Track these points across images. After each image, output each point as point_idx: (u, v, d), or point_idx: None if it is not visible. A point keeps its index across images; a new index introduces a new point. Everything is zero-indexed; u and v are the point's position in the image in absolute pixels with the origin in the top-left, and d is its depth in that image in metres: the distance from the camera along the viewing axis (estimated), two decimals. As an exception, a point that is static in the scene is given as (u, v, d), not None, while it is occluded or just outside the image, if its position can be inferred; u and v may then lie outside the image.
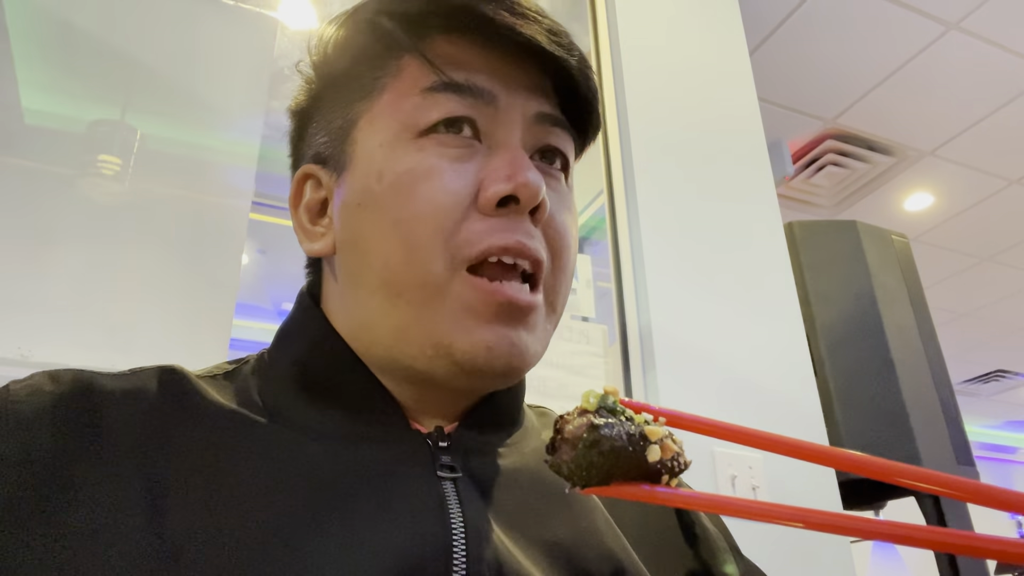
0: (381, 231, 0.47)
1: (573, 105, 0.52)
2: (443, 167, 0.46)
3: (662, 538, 0.53)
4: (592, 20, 1.82)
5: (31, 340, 1.05)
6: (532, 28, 0.48)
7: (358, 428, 0.46)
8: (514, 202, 0.46)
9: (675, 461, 0.38)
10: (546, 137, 0.50)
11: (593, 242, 1.97)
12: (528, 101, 0.49)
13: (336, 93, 0.52)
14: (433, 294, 0.45)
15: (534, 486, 0.49)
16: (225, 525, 0.39)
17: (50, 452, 0.40)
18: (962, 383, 5.26)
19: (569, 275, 0.50)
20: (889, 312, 1.61)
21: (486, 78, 0.48)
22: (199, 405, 0.45)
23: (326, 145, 0.52)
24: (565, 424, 0.38)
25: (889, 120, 2.83)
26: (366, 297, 0.48)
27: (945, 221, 3.46)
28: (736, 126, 1.80)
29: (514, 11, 0.48)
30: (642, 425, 0.37)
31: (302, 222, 0.53)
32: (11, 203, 1.18)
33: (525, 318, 0.46)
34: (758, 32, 2.42)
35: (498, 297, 0.45)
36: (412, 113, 0.48)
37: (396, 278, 0.46)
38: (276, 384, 0.49)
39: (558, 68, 0.49)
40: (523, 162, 0.46)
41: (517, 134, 0.49)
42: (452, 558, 0.40)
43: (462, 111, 0.47)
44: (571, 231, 0.51)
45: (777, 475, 1.39)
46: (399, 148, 0.47)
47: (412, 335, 0.46)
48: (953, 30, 2.42)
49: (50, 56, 1.35)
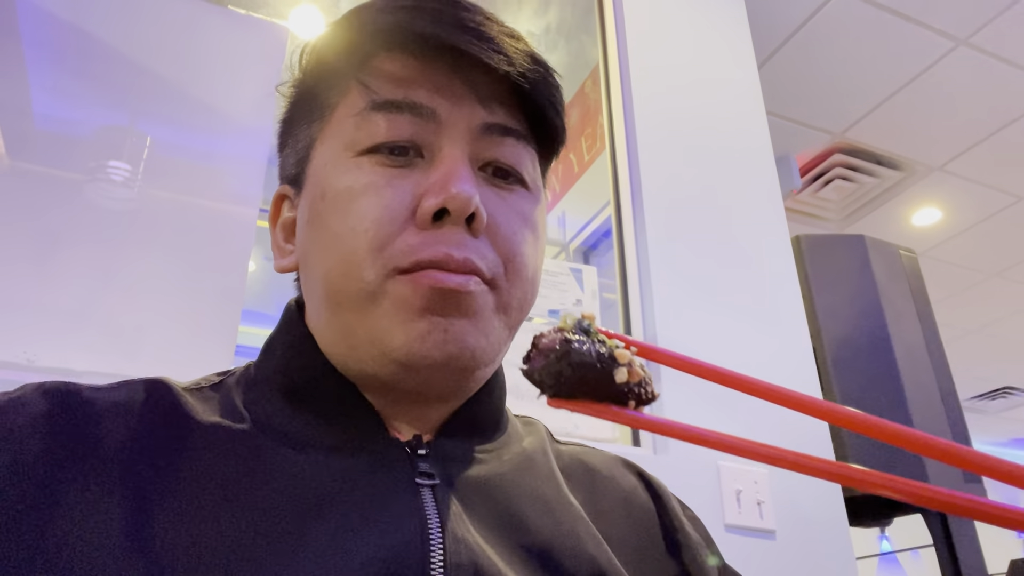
0: (323, 246, 0.48)
1: (530, 113, 0.52)
2: (380, 183, 0.47)
3: (644, 545, 0.53)
4: (601, 33, 1.83)
5: (37, 345, 1.05)
6: (465, 39, 0.48)
7: (338, 438, 0.47)
8: (448, 214, 0.46)
9: (642, 388, 0.39)
10: (495, 147, 0.50)
11: (599, 253, 1.97)
12: (474, 113, 0.49)
13: (302, 115, 0.54)
14: (368, 299, 0.46)
15: (513, 493, 0.49)
16: (207, 535, 0.39)
17: (38, 463, 0.40)
18: (969, 400, 5.23)
19: (525, 280, 0.50)
20: (897, 328, 1.60)
21: (426, 93, 0.49)
22: (184, 417, 0.46)
23: (293, 166, 0.54)
24: (540, 338, 0.40)
25: (897, 135, 2.83)
26: (319, 309, 0.50)
27: (953, 237, 3.45)
28: (744, 139, 1.80)
29: (457, 24, 0.48)
30: (612, 348, 0.39)
31: (278, 240, 0.56)
32: (21, 207, 1.19)
33: (459, 304, 0.45)
34: (767, 45, 2.42)
35: (426, 283, 0.45)
36: (352, 133, 0.49)
37: (335, 288, 0.47)
38: (260, 395, 0.50)
39: (505, 77, 0.49)
40: (457, 174, 0.46)
41: (460, 147, 0.48)
42: (430, 565, 0.41)
43: (400, 129, 0.48)
44: (521, 236, 0.50)
45: (783, 490, 1.38)
46: (340, 166, 0.49)
47: (357, 341, 0.47)
48: (962, 46, 2.42)
49: (62, 61, 1.36)
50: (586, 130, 1.96)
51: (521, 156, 0.51)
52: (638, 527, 0.54)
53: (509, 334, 0.50)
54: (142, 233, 1.26)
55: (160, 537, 0.39)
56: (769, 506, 1.34)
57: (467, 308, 0.46)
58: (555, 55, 2.14)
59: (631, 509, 0.55)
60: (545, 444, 0.57)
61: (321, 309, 0.49)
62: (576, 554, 0.46)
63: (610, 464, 0.59)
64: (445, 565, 0.41)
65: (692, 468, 1.32)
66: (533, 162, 0.53)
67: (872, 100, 2.67)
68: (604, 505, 0.54)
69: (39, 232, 1.18)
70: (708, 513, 1.28)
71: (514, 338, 0.52)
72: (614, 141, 1.68)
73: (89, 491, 0.40)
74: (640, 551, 0.52)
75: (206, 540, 0.39)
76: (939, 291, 3.77)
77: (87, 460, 0.41)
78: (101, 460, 0.42)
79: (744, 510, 1.31)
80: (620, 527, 0.53)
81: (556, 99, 0.52)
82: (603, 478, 0.57)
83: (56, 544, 0.37)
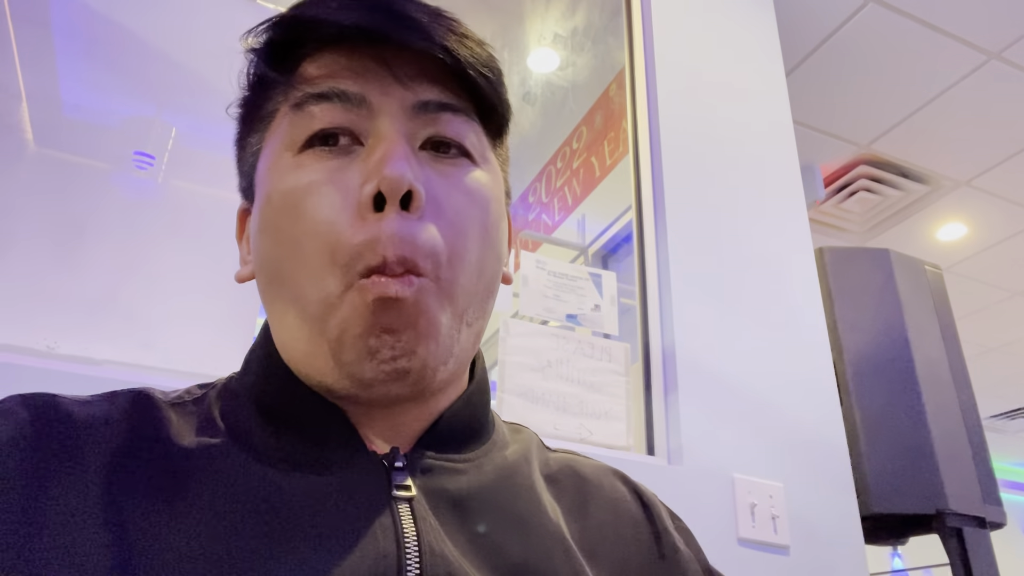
0: (279, 252, 0.47)
1: (466, 88, 0.50)
2: (321, 180, 0.46)
3: (631, 558, 0.52)
4: (628, 37, 1.82)
5: (58, 333, 1.06)
6: (380, 21, 0.47)
7: (314, 452, 0.46)
8: (385, 200, 0.44)
9: None
10: (432, 123, 0.49)
11: (618, 258, 1.95)
12: (406, 93, 0.48)
13: (249, 129, 0.54)
14: (328, 309, 0.45)
15: (491, 506, 0.48)
16: (183, 551, 0.39)
17: (20, 476, 0.40)
18: (989, 419, 5.16)
19: (471, 265, 0.48)
20: (919, 344, 1.58)
21: (353, 81, 0.48)
22: (165, 433, 0.46)
23: (244, 177, 0.54)
24: None
25: (924, 148, 2.79)
26: (281, 317, 0.48)
27: (978, 253, 3.40)
28: (769, 148, 1.78)
29: (373, 8, 0.48)
30: None
31: (242, 254, 0.55)
32: (47, 194, 1.20)
33: (402, 313, 0.44)
34: (796, 53, 2.40)
35: (370, 295, 0.43)
36: (288, 132, 0.48)
37: (293, 297, 0.46)
38: (238, 409, 0.49)
39: (431, 56, 0.48)
40: (390, 155, 0.45)
41: (395, 127, 0.47)
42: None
43: (330, 118, 0.47)
44: (467, 214, 0.48)
45: (798, 505, 1.36)
46: (282, 168, 0.48)
47: (317, 350, 0.46)
48: (994, 59, 2.38)
49: (91, 51, 1.37)
50: (609, 134, 1.95)
51: (461, 128, 0.50)
52: (627, 539, 0.53)
53: (461, 324, 0.48)
54: (165, 224, 1.27)
55: (138, 554, 0.39)
56: (784, 521, 1.33)
57: (412, 316, 0.44)
58: (581, 58, 2.13)
59: (620, 520, 0.54)
60: (531, 453, 0.56)
61: (284, 317, 0.48)
62: (549, 571, 0.46)
63: (600, 474, 0.58)
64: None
65: (706, 480, 1.30)
66: (478, 136, 0.52)
67: (900, 112, 2.63)
68: (592, 515, 0.53)
69: (64, 220, 1.19)
70: (721, 526, 1.27)
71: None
72: (638, 145, 1.67)
73: (69, 506, 0.40)
74: (626, 564, 0.52)
75: (184, 558, 0.39)
76: (961, 307, 3.72)
77: (68, 475, 0.41)
78: (83, 474, 0.41)
79: (758, 524, 1.30)
80: (607, 539, 0.52)
81: (487, 71, 0.51)
82: (593, 487, 0.56)
83: (36, 558, 0.37)
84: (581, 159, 2.11)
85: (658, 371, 1.42)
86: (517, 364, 1.33)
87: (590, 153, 2.05)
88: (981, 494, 1.50)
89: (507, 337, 1.35)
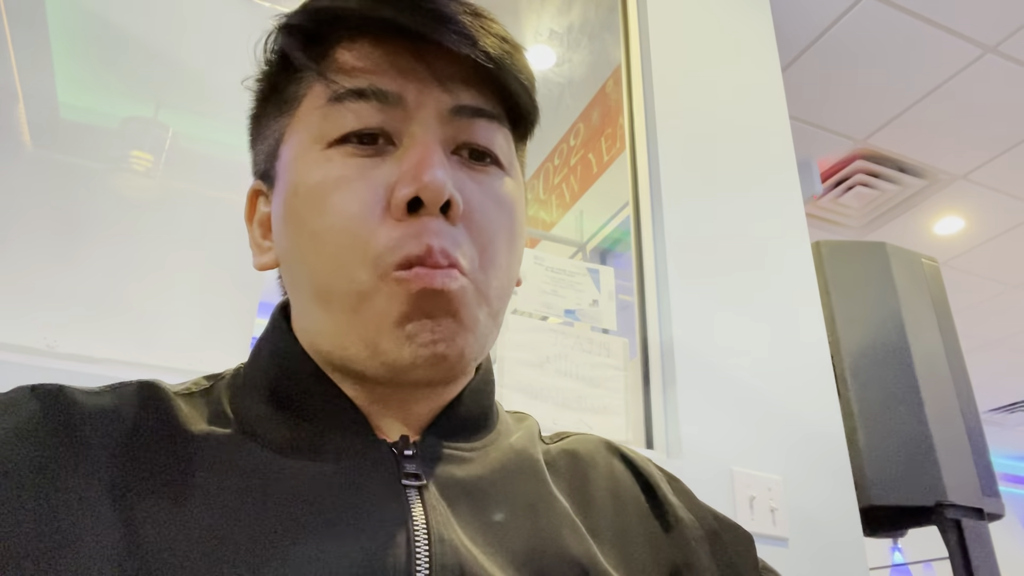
0: (304, 244, 0.47)
1: (500, 93, 0.51)
2: (351, 176, 0.46)
3: (633, 531, 0.53)
4: (624, 33, 1.82)
5: (57, 332, 1.06)
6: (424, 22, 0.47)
7: (323, 440, 0.47)
8: (421, 204, 0.45)
9: None
10: (467, 129, 0.49)
11: (616, 254, 1.96)
12: (443, 95, 0.48)
13: (269, 110, 0.53)
14: (360, 299, 0.45)
15: (499, 494, 0.48)
16: (193, 540, 0.39)
17: (29, 465, 0.40)
18: (987, 412, 5.17)
19: (501, 269, 0.49)
20: (917, 337, 1.58)
21: (391, 79, 0.48)
22: (174, 423, 0.46)
23: (264, 161, 0.53)
24: None
25: (921, 142, 2.79)
26: (306, 306, 0.49)
27: (975, 247, 3.41)
28: (766, 143, 1.78)
29: (415, 6, 0.47)
30: None
31: (255, 237, 0.55)
32: (44, 194, 1.20)
33: (446, 304, 0.45)
34: (791, 48, 2.40)
35: (414, 285, 0.44)
36: (319, 125, 0.48)
37: (323, 287, 0.47)
38: (248, 399, 0.49)
39: (469, 58, 0.48)
40: (428, 161, 0.45)
41: (431, 131, 0.47)
42: (415, 566, 0.41)
43: (368, 117, 0.47)
44: (497, 222, 0.49)
45: (797, 497, 1.37)
46: (310, 160, 0.48)
47: (347, 340, 0.46)
48: (991, 53, 2.39)
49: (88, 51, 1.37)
50: (606, 130, 1.95)
51: (494, 136, 0.50)
52: (626, 513, 0.54)
53: (493, 323, 0.49)
54: (163, 224, 1.27)
55: (149, 541, 0.39)
56: (783, 513, 1.33)
57: (453, 307, 0.45)
58: (578, 54, 2.13)
59: (618, 494, 0.55)
60: (535, 438, 0.56)
61: (309, 307, 0.48)
62: (560, 557, 0.46)
63: (593, 450, 0.59)
64: (431, 566, 0.41)
65: (705, 473, 1.31)
66: (508, 142, 0.52)
67: (896, 106, 2.64)
68: (591, 494, 0.54)
69: (62, 220, 1.19)
70: (721, 518, 1.27)
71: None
72: (635, 141, 1.67)
73: (79, 494, 0.40)
74: (628, 537, 0.52)
75: (193, 544, 0.39)
76: (959, 301, 3.72)
77: (78, 464, 0.41)
78: (91, 464, 0.42)
79: (757, 516, 1.30)
80: (608, 516, 0.53)
81: (524, 77, 0.51)
82: (589, 466, 0.56)
83: (46, 546, 0.38)
84: (578, 156, 2.11)
85: (656, 365, 1.43)
86: (516, 360, 1.34)
87: (587, 149, 2.05)
88: (980, 486, 1.51)
89: (506, 333, 1.35)
